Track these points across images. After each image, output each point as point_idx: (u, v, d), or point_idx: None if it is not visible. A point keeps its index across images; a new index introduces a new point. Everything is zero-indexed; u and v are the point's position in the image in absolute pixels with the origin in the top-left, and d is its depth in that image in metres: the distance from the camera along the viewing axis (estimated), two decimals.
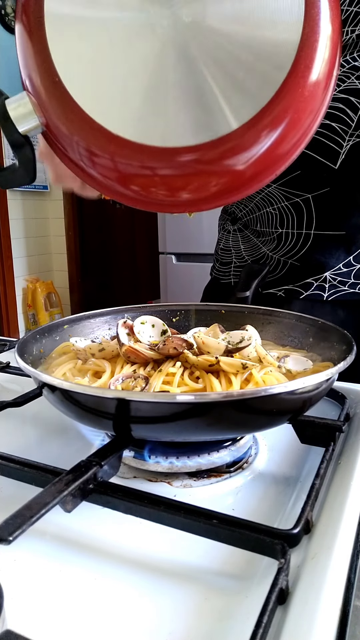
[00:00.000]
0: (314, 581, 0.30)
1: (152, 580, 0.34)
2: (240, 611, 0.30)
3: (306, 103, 0.32)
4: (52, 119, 0.34)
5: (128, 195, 0.36)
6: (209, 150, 0.32)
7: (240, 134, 0.31)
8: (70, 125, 0.34)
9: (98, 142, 0.33)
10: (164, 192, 0.35)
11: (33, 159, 0.37)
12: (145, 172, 0.34)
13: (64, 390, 0.40)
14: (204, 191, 0.35)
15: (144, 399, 0.38)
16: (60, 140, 0.35)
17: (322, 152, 0.71)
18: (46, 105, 0.34)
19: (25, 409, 0.57)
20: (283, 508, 0.41)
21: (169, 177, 0.34)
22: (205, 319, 0.67)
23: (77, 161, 0.36)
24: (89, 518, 0.39)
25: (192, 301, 0.70)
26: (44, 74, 0.33)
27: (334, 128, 0.69)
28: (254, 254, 0.86)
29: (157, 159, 0.33)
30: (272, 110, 0.31)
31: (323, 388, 0.44)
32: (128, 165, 0.34)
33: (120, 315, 0.65)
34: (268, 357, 0.50)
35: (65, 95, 0.33)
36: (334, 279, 0.77)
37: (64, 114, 0.33)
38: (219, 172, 0.33)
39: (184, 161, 0.32)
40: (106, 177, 0.35)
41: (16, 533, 0.30)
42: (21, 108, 0.35)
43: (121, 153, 0.33)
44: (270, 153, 0.33)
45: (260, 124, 0.31)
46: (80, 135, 0.34)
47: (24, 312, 3.33)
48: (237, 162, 0.33)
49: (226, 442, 0.47)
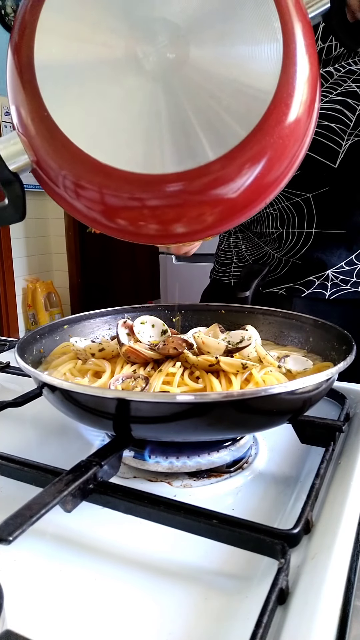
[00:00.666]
0: (314, 581, 0.30)
1: (152, 580, 0.34)
2: (240, 611, 0.30)
3: (285, 140, 0.34)
4: (41, 154, 0.35)
5: (116, 228, 0.37)
6: (192, 179, 0.33)
7: (219, 166, 0.33)
8: (58, 159, 0.35)
9: (86, 173, 0.34)
10: (151, 222, 0.36)
11: (23, 195, 0.38)
12: (133, 203, 0.35)
13: (64, 390, 0.40)
14: (191, 222, 0.36)
15: (144, 399, 0.38)
16: (50, 176, 0.36)
17: (322, 152, 0.71)
18: (35, 139, 0.35)
19: (25, 409, 0.57)
20: (283, 508, 0.41)
21: (156, 206, 0.35)
22: (205, 319, 0.67)
23: (67, 196, 0.36)
24: (89, 518, 0.39)
25: (192, 301, 0.70)
26: (33, 109, 0.34)
27: (333, 128, 0.70)
28: (255, 253, 0.86)
29: (144, 187, 0.34)
30: (249, 145, 0.33)
31: (323, 388, 0.44)
32: (116, 196, 0.35)
33: (120, 315, 0.65)
34: (268, 357, 0.50)
35: (54, 128, 0.34)
36: (336, 277, 0.77)
37: (53, 146, 0.34)
38: (202, 202, 0.34)
39: (169, 190, 0.34)
40: (94, 210, 0.36)
41: (16, 533, 0.30)
42: (12, 147, 0.36)
43: (109, 183, 0.34)
44: (254, 185, 0.34)
45: (239, 157, 0.33)
46: (69, 167, 0.34)
47: (24, 312, 3.33)
48: (220, 192, 0.34)
49: (226, 442, 0.47)
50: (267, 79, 0.33)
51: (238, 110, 0.33)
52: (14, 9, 3.03)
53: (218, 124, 0.33)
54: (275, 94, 0.32)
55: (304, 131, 0.35)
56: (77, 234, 3.51)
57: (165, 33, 0.33)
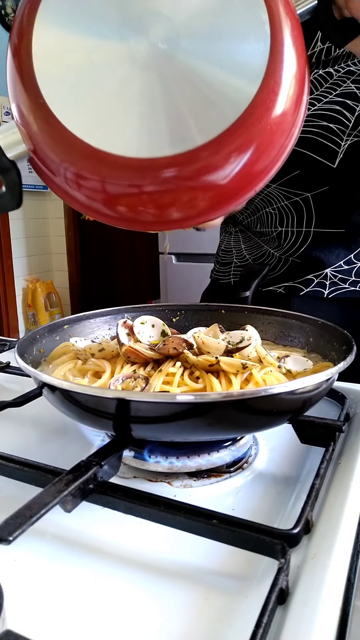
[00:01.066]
0: (314, 581, 0.30)
1: (152, 580, 0.34)
2: (240, 611, 0.30)
3: (273, 131, 0.35)
4: (38, 141, 0.36)
5: (111, 215, 0.38)
6: (182, 163, 0.34)
7: (207, 151, 0.34)
8: (54, 145, 0.36)
9: (81, 159, 0.35)
10: (145, 207, 0.37)
11: (19, 182, 0.38)
12: (127, 188, 0.36)
13: (64, 390, 0.40)
14: (183, 207, 0.37)
15: (144, 399, 0.38)
16: (46, 163, 0.37)
17: (321, 152, 0.71)
18: (32, 127, 0.36)
19: (25, 409, 0.57)
20: (283, 508, 0.41)
21: (148, 191, 0.36)
22: (205, 319, 0.67)
23: (63, 184, 0.37)
24: (89, 518, 0.39)
25: (192, 301, 0.70)
26: (30, 97, 0.36)
27: (332, 129, 0.70)
28: (255, 253, 0.86)
29: (137, 171, 0.35)
30: (237, 133, 0.34)
31: (323, 388, 0.44)
32: (111, 181, 0.36)
33: (120, 315, 0.65)
34: (268, 357, 0.50)
35: (50, 115, 0.35)
36: (335, 276, 0.78)
37: (49, 133, 0.36)
38: (193, 187, 0.36)
39: (161, 174, 0.35)
40: (89, 196, 0.37)
41: (16, 533, 0.30)
42: (10, 136, 0.37)
43: (103, 168, 0.35)
44: (243, 172, 0.35)
45: (227, 143, 0.34)
46: (64, 154, 0.36)
47: (24, 312, 3.33)
48: (210, 178, 0.35)
49: (226, 442, 0.47)
50: (254, 71, 0.34)
51: (225, 98, 0.34)
52: (13, 9, 3.03)
53: (206, 111, 0.34)
54: (261, 86, 0.34)
55: (292, 123, 0.36)
56: (77, 234, 3.51)
57: (158, 26, 0.35)
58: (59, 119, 0.35)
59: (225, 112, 0.34)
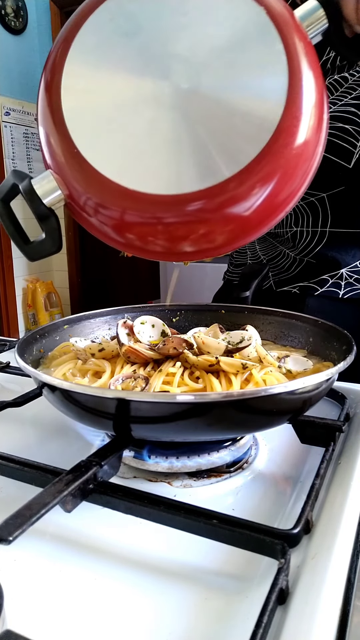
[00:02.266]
0: (314, 581, 0.30)
1: (152, 580, 0.34)
2: (240, 611, 0.30)
3: (295, 160, 0.36)
4: (74, 187, 0.38)
5: (150, 250, 0.40)
6: (211, 196, 0.36)
7: (234, 183, 0.35)
8: (90, 189, 0.38)
9: (116, 200, 0.37)
10: (176, 240, 0.39)
11: (58, 228, 0.41)
12: (161, 224, 0.38)
13: (64, 390, 0.40)
14: (211, 239, 0.38)
15: (144, 399, 0.38)
16: (82, 206, 0.39)
17: (337, 153, 0.72)
18: (67, 175, 0.38)
19: (25, 409, 0.57)
20: (283, 508, 0.41)
21: (180, 224, 0.37)
22: (205, 319, 0.67)
23: (100, 226, 0.39)
24: (89, 518, 0.39)
25: (192, 301, 0.70)
26: (64, 148, 0.38)
27: (348, 130, 0.71)
28: (270, 253, 0.86)
29: (169, 207, 0.37)
30: (260, 164, 0.35)
31: (323, 388, 0.44)
32: (145, 217, 0.37)
33: (120, 315, 0.65)
34: (268, 357, 0.50)
35: (84, 162, 0.37)
36: (350, 276, 0.78)
37: (84, 179, 0.37)
38: (220, 219, 0.37)
39: (191, 208, 0.36)
40: (127, 236, 0.39)
41: (16, 533, 0.30)
42: (46, 184, 0.39)
43: (138, 206, 0.37)
44: (267, 202, 0.37)
45: (252, 175, 0.35)
46: (99, 196, 0.38)
47: (24, 312, 3.32)
48: (235, 210, 0.36)
49: (226, 442, 0.47)
50: (274, 102, 0.35)
51: (247, 134, 0.36)
52: (14, 9, 3.03)
53: (230, 146, 0.36)
54: (282, 116, 0.35)
55: (313, 150, 0.37)
56: (77, 234, 3.51)
57: (178, 67, 0.36)
58: (93, 165, 0.37)
59: (248, 145, 0.35)
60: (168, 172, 0.36)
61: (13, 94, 3.02)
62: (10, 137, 3.08)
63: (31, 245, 0.42)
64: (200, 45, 0.36)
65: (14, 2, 3.03)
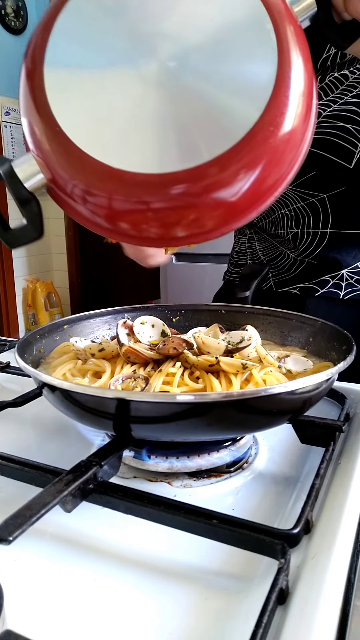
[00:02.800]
0: (314, 581, 0.30)
1: (152, 580, 0.34)
2: (240, 611, 0.30)
3: (281, 146, 0.35)
4: (56, 169, 0.37)
5: (134, 236, 0.38)
6: (193, 177, 0.35)
7: (217, 167, 0.34)
8: (73, 170, 0.36)
9: (102, 180, 0.36)
10: (161, 226, 0.38)
11: (40, 213, 0.39)
12: (146, 206, 0.36)
13: (64, 390, 0.40)
14: (193, 224, 0.37)
15: (144, 399, 0.38)
16: (65, 190, 0.38)
17: (337, 153, 0.71)
18: (49, 155, 0.37)
19: (25, 409, 0.57)
20: (283, 508, 0.41)
21: (163, 208, 0.36)
22: (205, 319, 0.67)
23: (83, 210, 0.38)
24: (89, 518, 0.39)
25: (192, 301, 0.70)
26: (47, 127, 0.36)
27: (348, 129, 0.70)
28: (270, 254, 0.86)
29: (152, 188, 0.35)
30: (245, 149, 0.34)
31: (323, 388, 0.44)
32: (128, 199, 0.36)
33: (120, 315, 0.65)
34: (268, 357, 0.50)
35: (67, 141, 0.35)
36: (351, 277, 0.77)
37: (66, 158, 0.36)
38: (204, 203, 0.36)
39: (174, 190, 0.35)
40: (109, 220, 0.38)
41: (16, 533, 0.30)
42: (28, 168, 0.38)
43: (119, 186, 0.36)
44: (252, 188, 0.36)
45: (235, 159, 0.34)
46: (82, 176, 0.36)
47: (24, 312, 3.32)
48: (220, 194, 0.35)
49: (226, 442, 0.47)
50: (262, 88, 0.34)
51: (233, 115, 0.35)
52: (14, 9, 3.03)
53: (214, 127, 0.35)
54: (268, 103, 0.34)
55: (301, 138, 0.36)
56: (77, 234, 3.51)
57: (166, 45, 0.35)
58: (77, 145, 0.35)
59: (232, 129, 0.34)
60: (152, 150, 0.35)
61: (13, 94, 3.02)
62: (10, 137, 3.08)
63: (11, 232, 0.40)
64: (189, 23, 0.35)
65: (14, 2, 3.03)
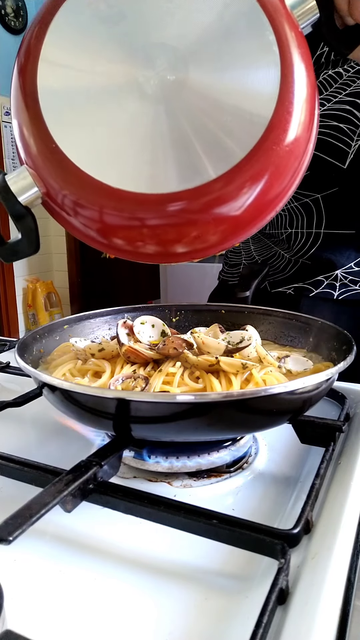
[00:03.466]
0: (314, 581, 0.30)
1: (152, 580, 0.34)
2: (240, 611, 0.30)
3: (285, 159, 0.35)
4: (51, 184, 0.35)
5: (130, 251, 0.38)
6: (196, 197, 0.34)
7: (221, 184, 0.33)
8: (69, 186, 0.35)
9: (97, 198, 0.35)
10: (160, 242, 0.37)
11: (35, 228, 0.38)
12: (144, 224, 0.36)
13: (64, 390, 0.40)
14: (199, 240, 0.36)
15: (144, 399, 0.38)
16: (60, 205, 0.36)
17: (331, 153, 0.71)
18: (45, 171, 0.35)
19: (25, 409, 0.57)
20: (283, 508, 0.41)
21: (164, 225, 0.35)
22: (205, 319, 0.67)
23: (79, 226, 0.37)
24: (89, 518, 0.39)
25: (192, 301, 0.70)
26: (41, 142, 0.35)
27: (342, 129, 0.70)
28: (265, 254, 0.86)
29: (152, 206, 0.34)
30: (249, 164, 0.33)
31: (323, 388, 0.44)
32: (127, 218, 0.35)
33: (120, 315, 0.65)
34: (268, 357, 0.50)
35: (63, 158, 0.34)
36: (345, 277, 0.77)
37: (62, 176, 0.35)
38: (207, 220, 0.35)
39: (174, 208, 0.34)
40: (107, 236, 0.37)
41: (16, 533, 0.30)
42: (21, 181, 0.36)
43: (117, 206, 0.35)
44: (256, 202, 0.35)
45: (240, 175, 0.33)
46: (79, 194, 0.35)
47: (24, 312, 3.32)
48: (223, 210, 0.35)
49: (226, 442, 0.47)
50: (265, 101, 0.33)
51: (237, 130, 0.33)
52: (14, 9, 3.03)
53: (218, 144, 0.34)
54: (273, 115, 0.33)
55: (304, 148, 0.35)
56: None
57: (164, 57, 0.33)
58: (72, 160, 0.34)
59: (238, 143, 0.33)
60: (151, 170, 0.34)
61: None
62: (10, 137, 3.08)
63: (6, 247, 0.39)
64: (188, 33, 0.33)
65: (14, 2, 3.03)
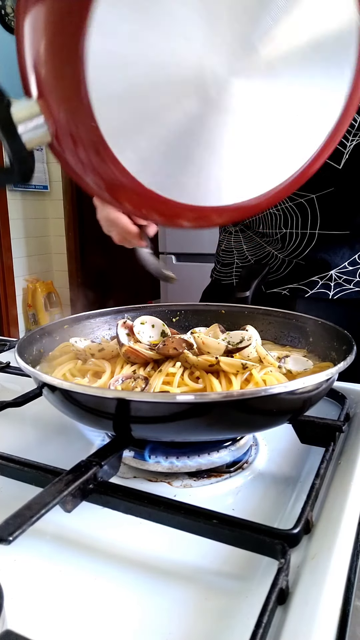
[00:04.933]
0: (314, 581, 0.30)
1: (152, 580, 0.34)
2: (240, 611, 0.30)
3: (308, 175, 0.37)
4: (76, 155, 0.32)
5: (137, 213, 0.40)
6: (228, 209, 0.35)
7: (249, 202, 0.35)
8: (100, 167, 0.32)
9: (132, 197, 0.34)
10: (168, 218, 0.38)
11: (31, 153, 0.34)
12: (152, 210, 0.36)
13: (64, 390, 0.40)
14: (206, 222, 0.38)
15: (144, 399, 0.38)
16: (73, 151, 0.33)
17: None
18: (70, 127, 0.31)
19: (25, 409, 0.57)
20: (283, 508, 0.41)
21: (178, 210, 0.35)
22: (205, 319, 0.67)
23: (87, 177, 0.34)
24: (89, 518, 0.39)
25: (192, 301, 0.70)
26: (82, 117, 0.30)
27: None
28: (258, 253, 0.86)
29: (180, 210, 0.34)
30: (283, 185, 0.35)
31: (323, 388, 0.44)
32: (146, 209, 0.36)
33: (120, 315, 0.65)
34: (268, 357, 0.50)
35: (101, 142, 0.30)
36: (340, 277, 0.77)
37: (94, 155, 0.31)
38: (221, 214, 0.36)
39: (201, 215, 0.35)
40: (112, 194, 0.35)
41: (16, 533, 0.30)
42: (27, 111, 0.34)
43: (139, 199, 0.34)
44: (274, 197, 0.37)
45: (274, 194, 0.35)
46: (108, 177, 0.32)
47: (24, 312, 3.32)
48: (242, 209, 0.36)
49: (226, 442, 0.47)
50: (319, 128, 0.34)
51: (286, 153, 0.34)
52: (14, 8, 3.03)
53: (265, 163, 0.34)
54: (323, 145, 0.35)
55: None
56: (77, 234, 3.51)
57: (245, 56, 0.28)
58: (110, 148, 0.30)
59: (283, 166, 0.34)
60: (195, 183, 0.32)
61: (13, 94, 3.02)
62: None
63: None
64: (279, 35, 0.28)
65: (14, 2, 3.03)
